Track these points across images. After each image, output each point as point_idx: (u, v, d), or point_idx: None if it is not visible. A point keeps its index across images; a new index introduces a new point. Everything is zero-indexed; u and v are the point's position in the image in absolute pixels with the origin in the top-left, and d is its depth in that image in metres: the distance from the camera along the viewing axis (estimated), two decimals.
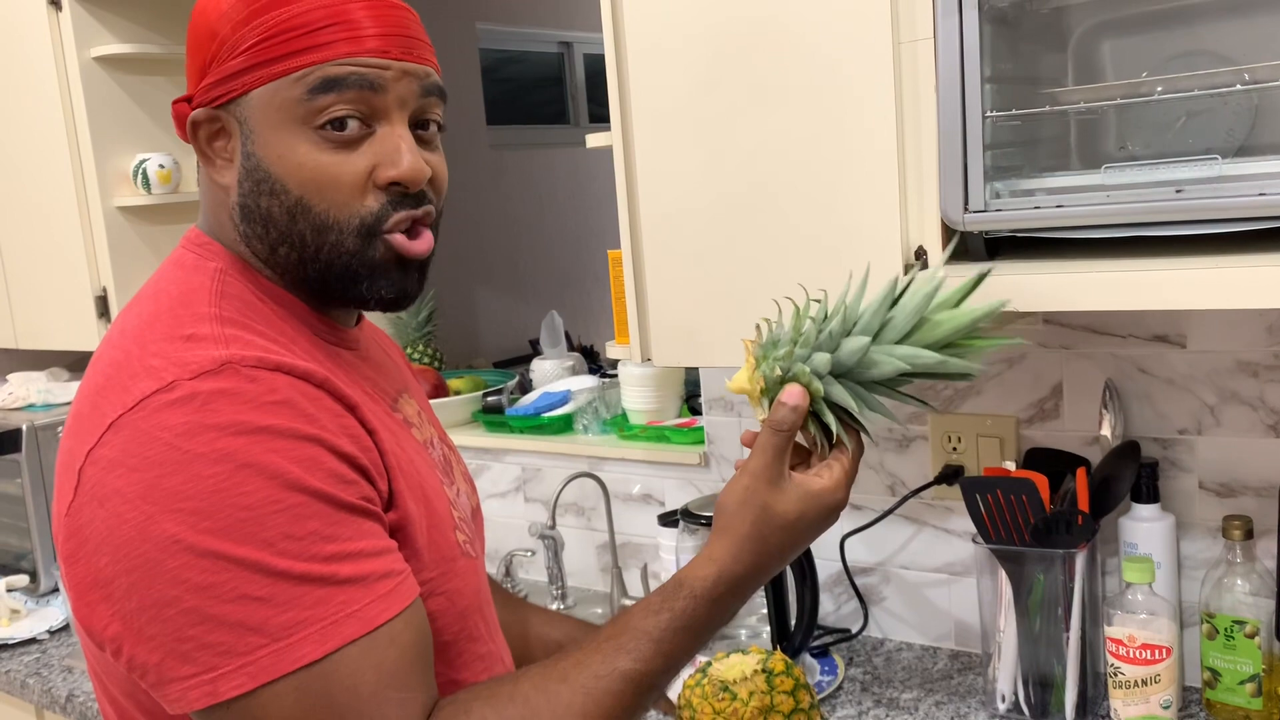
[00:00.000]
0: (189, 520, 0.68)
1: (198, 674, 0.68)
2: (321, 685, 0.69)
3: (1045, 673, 1.31)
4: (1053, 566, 1.28)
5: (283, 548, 0.69)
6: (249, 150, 0.81)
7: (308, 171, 0.79)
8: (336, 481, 0.73)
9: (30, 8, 2.00)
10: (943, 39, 1.05)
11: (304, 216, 0.80)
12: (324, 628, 0.69)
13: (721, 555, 0.81)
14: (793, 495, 0.82)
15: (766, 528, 0.82)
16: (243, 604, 0.68)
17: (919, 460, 1.53)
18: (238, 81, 0.80)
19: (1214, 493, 1.34)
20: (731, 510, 0.83)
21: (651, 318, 1.33)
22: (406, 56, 0.81)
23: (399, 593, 0.74)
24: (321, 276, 0.82)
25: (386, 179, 0.80)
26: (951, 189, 1.06)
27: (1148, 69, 1.07)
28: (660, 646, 0.78)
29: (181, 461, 0.69)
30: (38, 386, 2.27)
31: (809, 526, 0.83)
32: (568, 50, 3.86)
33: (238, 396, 0.71)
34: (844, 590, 1.62)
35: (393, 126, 0.81)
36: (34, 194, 2.12)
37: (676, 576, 0.82)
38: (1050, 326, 1.41)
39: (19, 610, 1.95)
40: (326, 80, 0.78)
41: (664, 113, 1.27)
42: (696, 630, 0.80)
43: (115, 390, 0.73)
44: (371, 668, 0.71)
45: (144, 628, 0.69)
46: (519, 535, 1.96)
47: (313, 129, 0.79)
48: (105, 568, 0.70)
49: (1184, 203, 0.98)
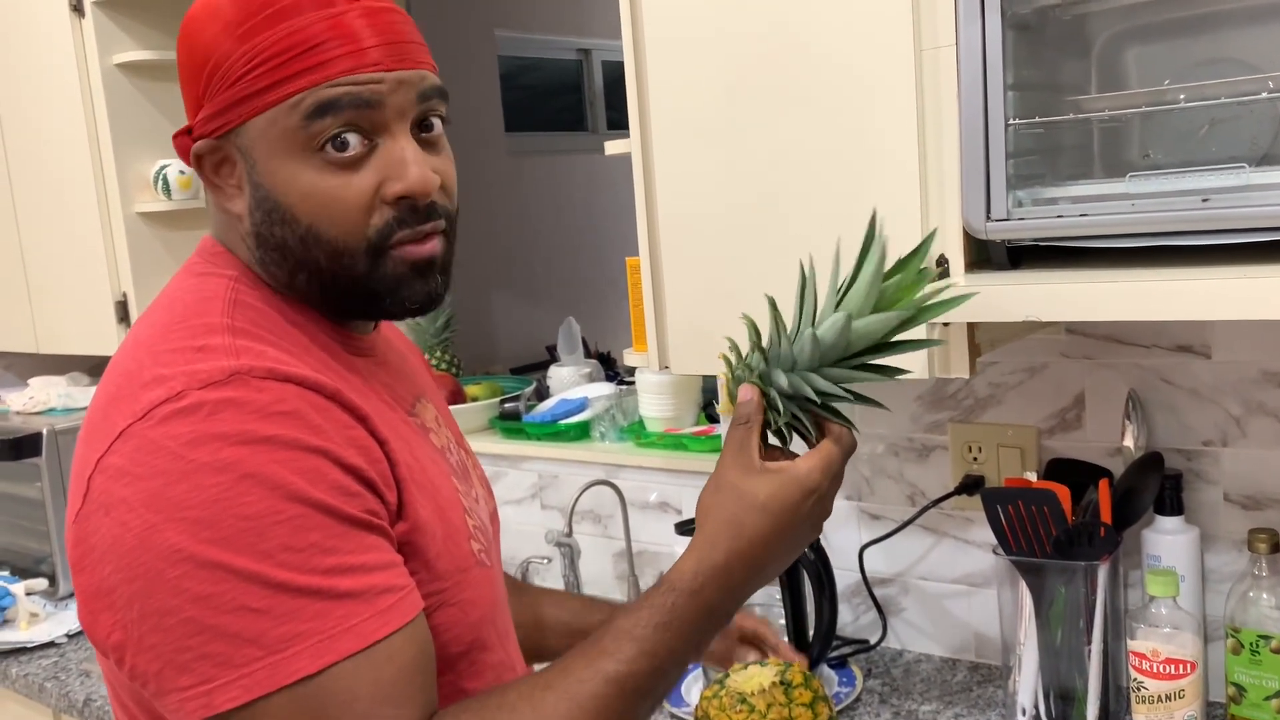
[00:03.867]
0: (190, 530, 0.68)
1: (195, 685, 0.68)
2: (316, 700, 0.69)
3: (1066, 686, 1.29)
4: (1074, 579, 1.26)
5: (282, 559, 0.69)
6: (255, 180, 0.79)
7: (315, 199, 0.78)
8: (340, 494, 0.72)
9: (53, 15, 2.02)
10: (965, 46, 1.04)
11: (316, 244, 0.79)
12: (320, 642, 0.69)
13: (699, 544, 0.80)
14: (764, 478, 0.80)
15: (740, 510, 0.79)
16: (241, 615, 0.68)
17: (939, 470, 1.52)
18: (234, 113, 0.78)
19: (1239, 505, 1.32)
20: (706, 502, 0.82)
21: (669, 325, 1.33)
22: (400, 65, 0.79)
23: (400, 608, 0.73)
24: (343, 299, 0.82)
25: (394, 194, 0.79)
26: (974, 197, 1.05)
27: (1172, 76, 1.06)
28: (642, 645, 0.76)
29: (186, 471, 0.69)
30: (58, 391, 2.28)
31: (785, 509, 0.80)
32: (586, 57, 3.86)
33: (245, 406, 0.71)
34: (862, 601, 1.61)
35: (395, 139, 0.79)
36: (56, 199, 2.13)
37: (661, 576, 0.81)
38: (1073, 336, 1.40)
39: (38, 614, 1.96)
40: (320, 104, 0.76)
41: (683, 119, 1.26)
42: (679, 627, 0.77)
43: (126, 399, 0.73)
44: (368, 684, 0.70)
45: (144, 637, 0.69)
46: (535, 542, 1.95)
47: (314, 153, 0.77)
48: (109, 576, 0.70)
49: (1210, 212, 0.96)
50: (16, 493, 2.18)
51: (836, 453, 0.83)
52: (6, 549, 2.25)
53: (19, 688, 1.80)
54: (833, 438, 0.83)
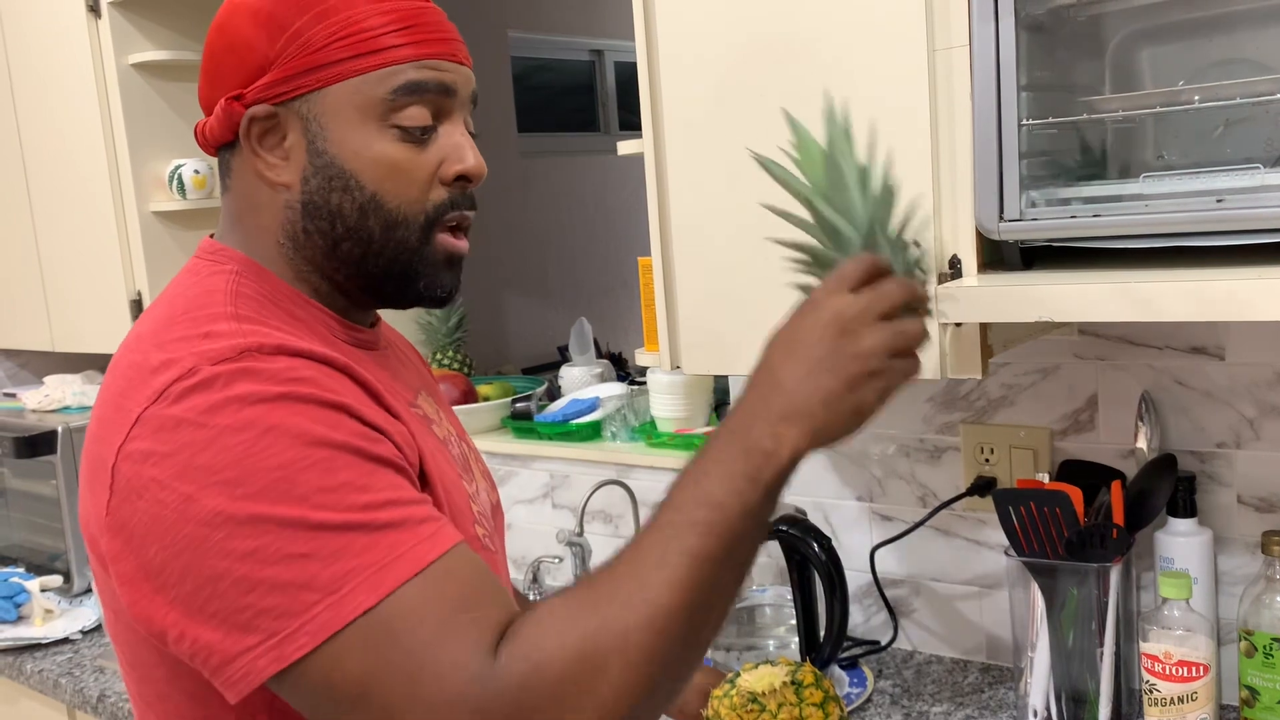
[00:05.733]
0: (225, 490, 0.69)
1: (262, 641, 0.68)
2: (385, 629, 0.68)
3: (1078, 688, 1.29)
4: (1087, 581, 1.26)
5: (319, 500, 0.69)
6: (319, 147, 0.82)
7: (384, 167, 0.82)
8: (362, 438, 0.73)
9: (70, 15, 2.03)
10: (978, 46, 1.04)
11: (375, 212, 0.83)
12: (375, 573, 0.69)
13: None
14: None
15: (767, 345, 0.75)
16: (290, 563, 0.68)
17: (950, 471, 1.52)
18: (311, 78, 0.81)
19: (1253, 507, 1.31)
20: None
21: (681, 325, 1.33)
22: (467, 62, 0.86)
23: (444, 534, 0.73)
24: (381, 274, 0.85)
25: (454, 173, 0.84)
26: (987, 197, 1.05)
27: (1186, 77, 1.06)
28: (695, 492, 0.71)
29: (210, 437, 0.69)
30: (73, 389, 2.29)
31: (790, 325, 0.75)
32: (599, 58, 3.87)
33: (259, 375, 0.72)
34: (874, 602, 1.61)
35: (454, 125, 0.85)
36: (71, 198, 2.15)
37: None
38: (1085, 337, 1.39)
39: (52, 610, 1.97)
40: (412, 83, 0.82)
41: (696, 119, 1.26)
42: (727, 463, 0.71)
43: (137, 387, 0.74)
44: (434, 601, 0.69)
45: (203, 606, 0.69)
46: (546, 542, 1.95)
47: (389, 126, 0.82)
48: (154, 556, 0.70)
49: (1225, 213, 0.96)
50: (31, 490, 2.20)
51: (835, 276, 0.75)
52: (22, 545, 2.26)
53: (33, 684, 1.81)
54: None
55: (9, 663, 1.86)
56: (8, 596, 1.96)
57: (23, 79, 2.19)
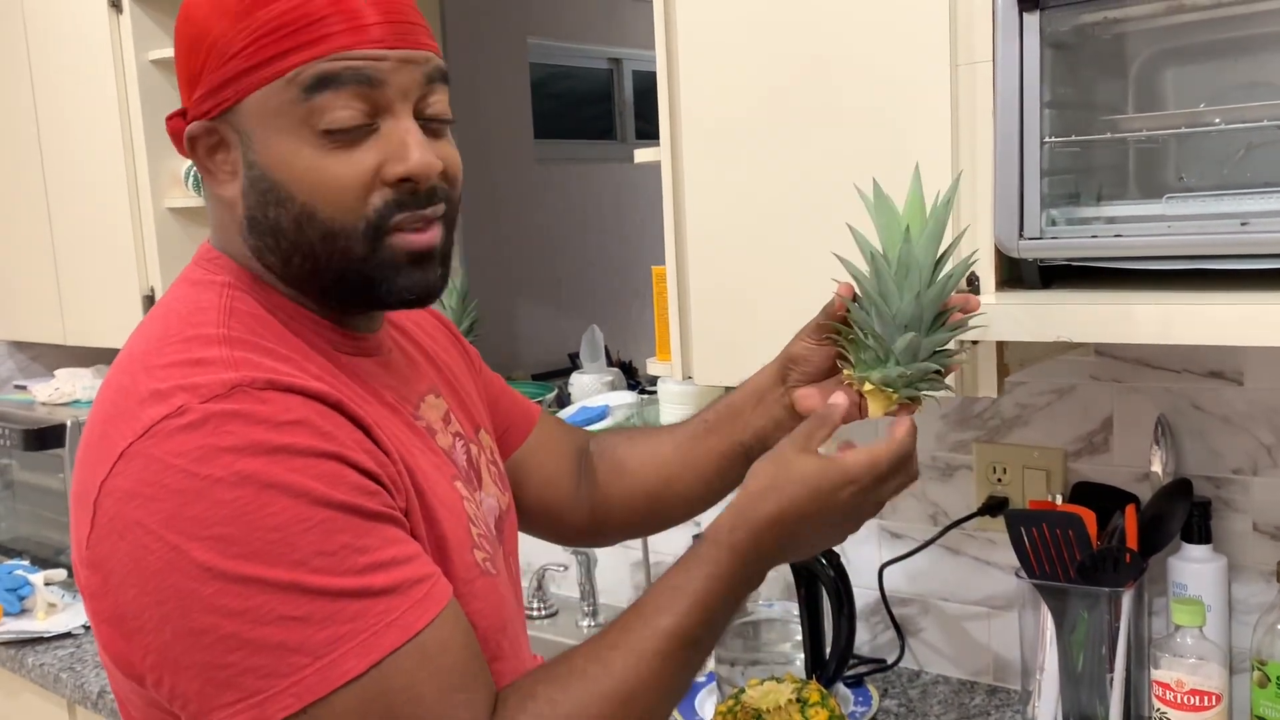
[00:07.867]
0: (217, 546, 0.67)
1: (242, 699, 0.67)
2: (379, 698, 0.68)
3: (1087, 714, 1.27)
4: (1098, 605, 1.24)
5: (317, 565, 0.68)
6: (250, 160, 0.77)
7: (312, 176, 0.76)
8: (360, 493, 0.72)
9: (91, 10, 2.03)
10: (1002, 62, 1.03)
11: (310, 224, 0.77)
12: (365, 640, 0.68)
13: (739, 499, 0.82)
14: (814, 459, 0.81)
15: (783, 479, 0.81)
16: (282, 625, 0.67)
17: (962, 490, 1.50)
18: (230, 90, 0.76)
19: (1268, 535, 1.30)
20: (756, 467, 0.83)
21: (694, 335, 1.32)
22: (403, 44, 0.77)
23: (434, 595, 0.73)
24: (336, 285, 0.80)
25: (395, 175, 0.76)
26: (1007, 215, 1.04)
27: (1209, 99, 1.05)
28: (694, 598, 0.78)
29: (201, 489, 0.67)
30: (84, 383, 2.30)
31: (823, 491, 0.80)
32: (617, 67, 3.87)
33: (250, 418, 0.69)
34: (881, 620, 1.59)
35: (397, 120, 0.77)
36: (88, 193, 2.15)
37: (702, 533, 0.82)
38: (1102, 359, 1.38)
39: (55, 604, 1.97)
40: (320, 77, 0.74)
41: (714, 130, 1.26)
42: (722, 576, 0.79)
43: (124, 417, 0.71)
44: (429, 675, 0.70)
45: (181, 657, 0.68)
46: (552, 550, 1.94)
47: (313, 130, 0.75)
48: (133, 600, 0.69)
49: (1249, 236, 0.95)
50: (39, 483, 2.20)
51: (884, 452, 0.82)
52: (28, 538, 2.26)
53: (34, 677, 1.81)
54: (887, 438, 0.83)
55: (10, 656, 1.86)
56: (11, 589, 1.96)
57: (43, 73, 2.20)
